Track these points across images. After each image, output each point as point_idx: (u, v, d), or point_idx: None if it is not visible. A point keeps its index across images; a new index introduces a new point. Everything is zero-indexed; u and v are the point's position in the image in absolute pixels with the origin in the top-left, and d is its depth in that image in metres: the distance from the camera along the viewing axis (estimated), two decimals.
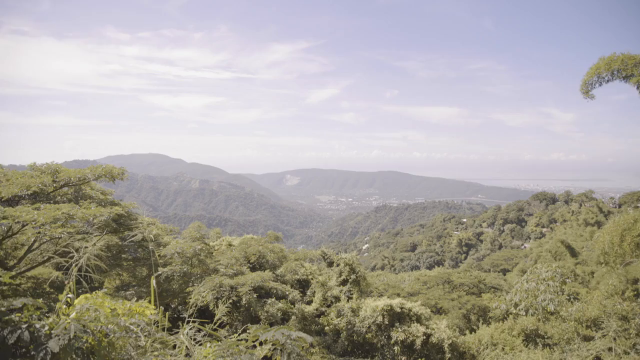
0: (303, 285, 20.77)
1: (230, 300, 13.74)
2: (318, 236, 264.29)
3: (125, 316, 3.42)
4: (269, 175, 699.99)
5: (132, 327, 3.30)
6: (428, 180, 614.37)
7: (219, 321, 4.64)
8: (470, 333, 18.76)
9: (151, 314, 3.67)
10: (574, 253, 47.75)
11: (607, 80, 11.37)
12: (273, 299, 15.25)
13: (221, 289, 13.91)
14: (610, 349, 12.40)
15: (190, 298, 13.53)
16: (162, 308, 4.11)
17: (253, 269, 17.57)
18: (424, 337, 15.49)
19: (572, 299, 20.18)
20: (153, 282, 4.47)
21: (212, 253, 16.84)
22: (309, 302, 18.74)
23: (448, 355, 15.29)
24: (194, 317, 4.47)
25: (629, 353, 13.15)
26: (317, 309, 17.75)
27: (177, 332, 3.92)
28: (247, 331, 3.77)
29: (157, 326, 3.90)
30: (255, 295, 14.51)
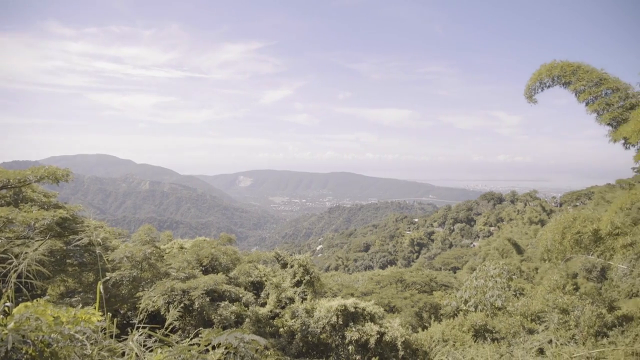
0: (257, 287, 20.60)
1: (182, 305, 13.43)
2: (272, 238, 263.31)
3: (70, 324, 3.25)
4: (221, 176, 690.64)
5: (77, 335, 3.14)
6: (381, 181, 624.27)
7: (171, 326, 4.52)
8: (423, 330, 19.19)
9: (98, 320, 3.51)
10: (519, 250, 49.88)
11: (549, 86, 11.86)
12: (226, 302, 15.03)
13: (173, 293, 13.57)
14: (551, 341, 13.02)
15: (140, 303, 13.13)
16: (110, 314, 3.94)
17: (206, 272, 17.27)
18: (378, 336, 15.69)
19: (518, 295, 21.06)
20: (100, 287, 4.29)
21: (163, 256, 16.42)
22: (263, 304, 18.60)
23: (401, 353, 15.55)
24: (145, 323, 4.33)
25: (568, 344, 13.83)
26: (271, 311, 17.64)
27: (126, 339, 3.78)
28: (200, 335, 3.69)
29: (105, 333, 3.74)
30: (208, 299, 14.25)
